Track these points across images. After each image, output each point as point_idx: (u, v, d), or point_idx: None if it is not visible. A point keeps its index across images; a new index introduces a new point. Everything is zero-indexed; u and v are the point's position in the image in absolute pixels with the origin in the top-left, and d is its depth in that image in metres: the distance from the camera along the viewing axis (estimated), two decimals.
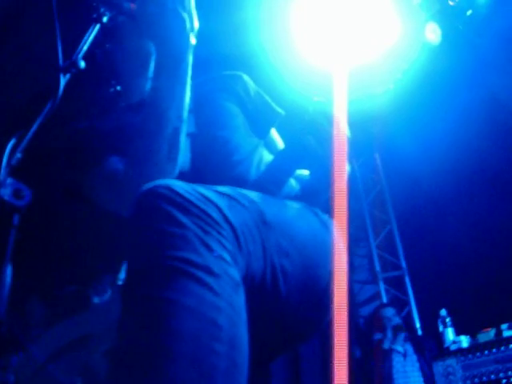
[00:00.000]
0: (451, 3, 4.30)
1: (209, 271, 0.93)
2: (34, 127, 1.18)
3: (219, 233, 0.99)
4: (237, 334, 0.95)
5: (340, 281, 1.94)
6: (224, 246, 0.99)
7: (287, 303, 1.20)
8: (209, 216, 1.00)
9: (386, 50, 4.11)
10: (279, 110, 1.68)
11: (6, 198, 1.17)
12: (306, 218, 1.35)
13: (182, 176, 1.37)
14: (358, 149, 5.63)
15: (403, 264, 5.81)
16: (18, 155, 1.18)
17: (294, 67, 3.62)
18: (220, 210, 1.03)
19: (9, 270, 1.08)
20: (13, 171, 1.17)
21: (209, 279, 0.93)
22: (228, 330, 0.92)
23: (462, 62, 4.44)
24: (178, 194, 0.99)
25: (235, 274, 0.99)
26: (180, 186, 1.02)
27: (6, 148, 1.22)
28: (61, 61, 1.27)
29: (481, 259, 4.58)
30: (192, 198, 1.00)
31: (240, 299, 0.98)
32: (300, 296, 1.24)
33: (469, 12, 4.39)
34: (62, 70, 1.25)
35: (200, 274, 0.92)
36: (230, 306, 0.94)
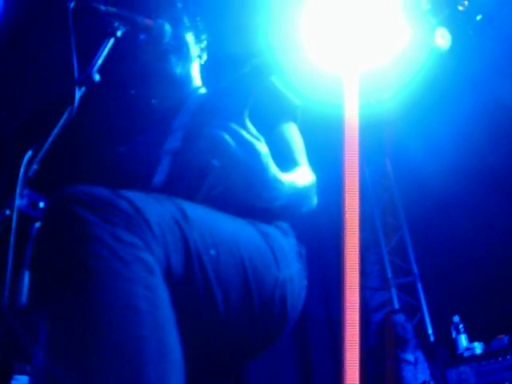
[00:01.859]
0: (460, 8, 4.30)
1: (119, 260, 0.95)
2: (50, 139, 1.20)
3: (128, 222, 1.01)
4: (160, 314, 0.97)
5: (352, 281, 1.96)
6: (134, 233, 1.00)
7: (227, 307, 1.21)
8: (116, 207, 1.01)
9: (395, 54, 4.12)
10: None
11: (23, 208, 1.20)
12: (235, 221, 1.34)
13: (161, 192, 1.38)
14: (369, 154, 5.63)
15: (415, 270, 5.80)
16: (35, 167, 1.21)
17: (303, 71, 3.64)
18: (130, 201, 1.04)
19: (26, 279, 1.11)
20: (30, 182, 1.20)
21: (120, 267, 0.95)
22: (149, 313, 0.95)
23: (471, 67, 4.44)
24: (84, 193, 1.01)
25: (148, 257, 1.00)
26: (91, 187, 1.04)
27: (22, 159, 1.24)
28: (76, 74, 1.29)
29: (494, 264, 4.56)
30: (99, 194, 1.02)
31: (156, 280, 1.00)
32: (241, 302, 1.24)
33: (478, 17, 4.39)
34: (77, 83, 1.28)
35: (110, 264, 0.95)
36: (146, 288, 0.96)
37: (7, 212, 1.22)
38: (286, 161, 1.58)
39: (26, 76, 3.11)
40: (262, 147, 1.30)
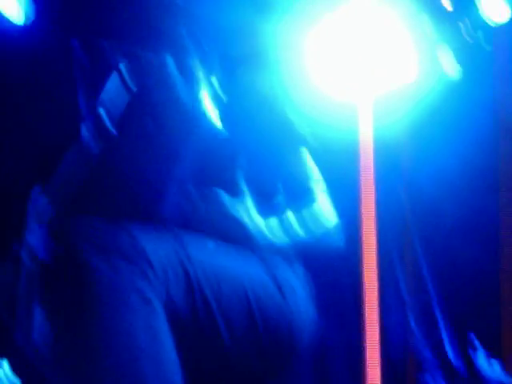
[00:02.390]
0: (470, 40, 4.33)
1: (117, 291, 0.99)
2: (58, 175, 1.22)
3: (129, 258, 1.04)
4: (159, 345, 1.00)
5: (370, 281, 1.94)
6: (134, 269, 1.03)
7: (231, 337, 1.21)
8: (118, 243, 1.04)
9: (405, 82, 4.15)
10: None
11: (33, 243, 1.21)
12: (236, 252, 1.34)
13: None
14: (382, 182, 5.59)
15: (431, 289, 5.73)
16: (44, 201, 1.22)
17: (312, 99, 3.67)
18: (132, 236, 1.07)
19: (38, 315, 1.12)
20: (39, 217, 1.21)
21: (118, 299, 0.98)
22: (148, 345, 0.97)
23: (481, 95, 4.45)
24: (87, 226, 1.03)
25: (147, 290, 1.03)
26: (93, 221, 1.06)
27: (30, 194, 1.26)
28: (81, 109, 1.32)
29: None
30: (101, 228, 1.03)
31: (155, 312, 1.02)
32: (246, 332, 1.24)
33: (489, 48, 4.41)
34: (82, 118, 1.30)
35: (108, 296, 0.99)
36: (144, 320, 1.00)
37: (16, 247, 1.23)
38: (297, 189, 1.58)
39: (31, 112, 3.15)
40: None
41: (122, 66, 1.51)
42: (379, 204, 6.33)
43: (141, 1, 3.19)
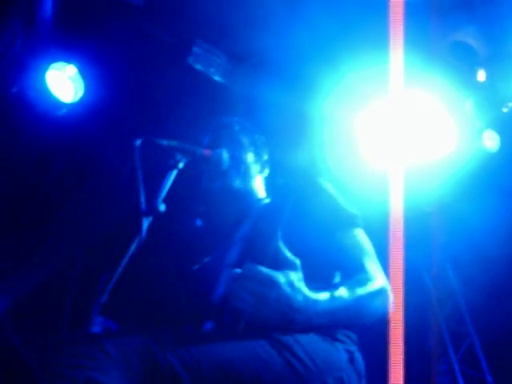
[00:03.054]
0: (505, 110, 4.37)
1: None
2: (121, 269, 1.28)
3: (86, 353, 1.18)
4: None
5: (396, 281, 1.89)
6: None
7: None
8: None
9: (443, 155, 4.18)
10: None
11: None
12: (240, 343, 1.40)
13: None
14: (428, 261, 5.54)
15: (489, 379, 5.47)
16: (106, 295, 1.28)
17: (353, 170, 3.74)
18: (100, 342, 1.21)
19: None
20: (102, 310, 1.26)
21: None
22: None
23: None
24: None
25: (97, 375, 1.16)
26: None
27: (95, 288, 1.32)
28: (143, 205, 1.39)
29: None
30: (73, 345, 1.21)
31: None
32: None
33: None
34: (144, 213, 1.38)
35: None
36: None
37: None
38: (348, 268, 1.60)
39: (92, 205, 3.31)
40: (281, 277, 1.36)
41: (181, 165, 1.60)
42: (425, 291, 6.16)
43: (196, 98, 3.38)
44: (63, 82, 3.18)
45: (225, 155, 1.83)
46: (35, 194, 3.28)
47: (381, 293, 1.56)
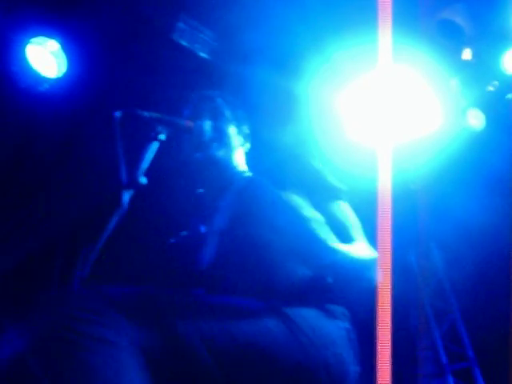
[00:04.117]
0: (490, 89, 4.38)
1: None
2: (101, 242, 1.27)
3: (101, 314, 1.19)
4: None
5: (384, 280, 1.91)
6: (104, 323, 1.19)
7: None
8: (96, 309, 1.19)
9: (428, 133, 4.19)
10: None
11: None
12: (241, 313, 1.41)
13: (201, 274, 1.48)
14: (414, 239, 5.58)
15: (471, 354, 5.55)
16: (87, 269, 1.27)
17: (338, 145, 3.75)
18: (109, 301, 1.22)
19: None
20: (84, 283, 1.25)
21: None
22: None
23: (504, 146, 4.45)
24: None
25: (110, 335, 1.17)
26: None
27: (75, 260, 1.31)
28: (123, 178, 1.38)
29: None
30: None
31: (121, 352, 1.17)
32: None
33: (509, 95, 4.45)
34: (124, 186, 1.36)
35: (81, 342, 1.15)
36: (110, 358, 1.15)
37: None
38: (340, 238, 1.60)
39: (74, 179, 3.28)
40: (312, 212, 1.35)
41: (162, 136, 1.59)
42: (410, 268, 6.22)
43: (180, 73, 3.35)
44: (45, 57, 3.13)
45: (207, 126, 1.81)
46: (17, 172, 3.25)
47: (374, 262, 1.56)
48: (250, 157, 2.00)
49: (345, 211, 1.70)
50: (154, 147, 1.55)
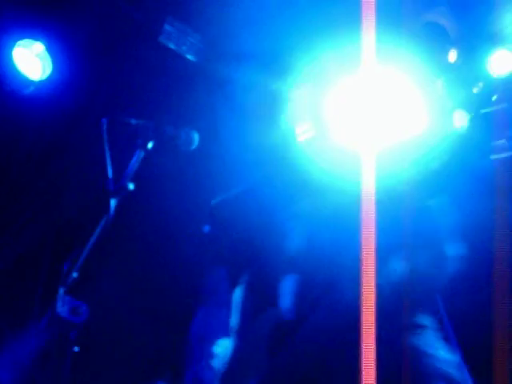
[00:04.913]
0: (475, 90, 4.41)
1: None
2: (88, 248, 1.27)
3: None
4: None
5: (368, 281, 1.93)
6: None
7: None
8: None
9: (414, 135, 4.21)
10: None
11: (64, 315, 1.24)
12: None
13: None
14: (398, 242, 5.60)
15: (458, 353, 5.58)
16: (74, 274, 1.27)
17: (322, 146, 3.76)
18: None
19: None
20: (69, 289, 1.25)
21: None
22: None
23: (489, 147, 4.48)
24: None
25: None
26: None
27: (61, 267, 1.31)
28: (110, 184, 1.38)
29: None
30: None
31: None
32: None
33: (494, 97, 4.48)
34: (112, 192, 1.36)
35: None
36: None
37: (48, 319, 1.26)
38: None
39: (59, 184, 3.27)
40: None
41: (150, 144, 1.59)
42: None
43: (167, 75, 3.34)
44: (31, 60, 3.11)
45: (195, 134, 1.83)
46: (1, 176, 3.23)
47: None
48: (238, 157, 2.01)
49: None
50: (141, 154, 1.55)
